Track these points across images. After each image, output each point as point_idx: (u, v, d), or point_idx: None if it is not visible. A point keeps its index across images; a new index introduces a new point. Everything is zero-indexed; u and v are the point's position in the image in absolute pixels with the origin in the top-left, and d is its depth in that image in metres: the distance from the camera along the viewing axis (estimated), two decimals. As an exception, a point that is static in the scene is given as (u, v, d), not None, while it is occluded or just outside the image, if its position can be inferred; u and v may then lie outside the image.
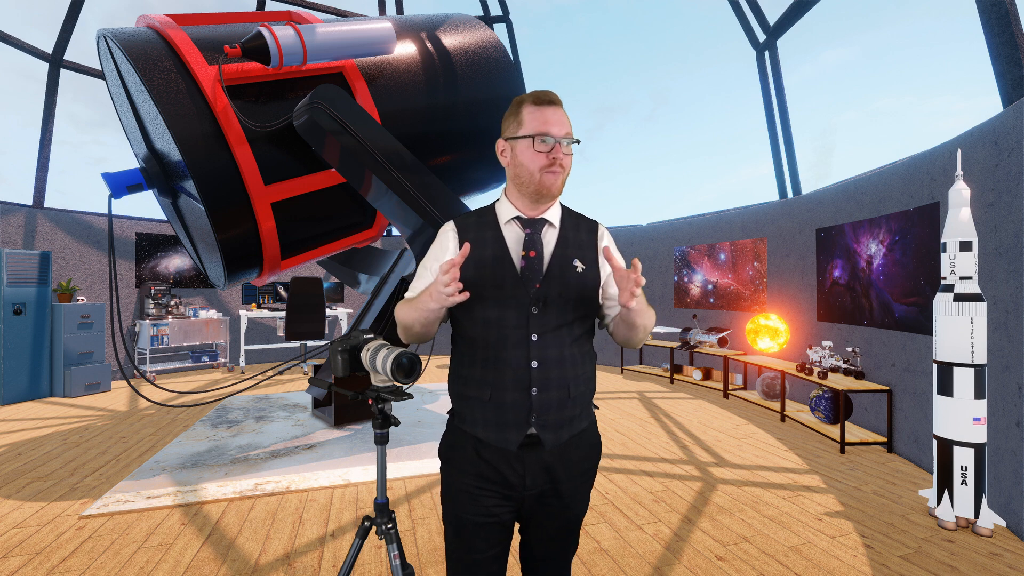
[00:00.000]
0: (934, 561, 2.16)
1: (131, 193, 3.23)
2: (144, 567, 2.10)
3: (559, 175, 1.11)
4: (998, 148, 2.58)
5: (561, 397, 1.11)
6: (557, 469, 1.12)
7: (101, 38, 3.17)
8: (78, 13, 5.86)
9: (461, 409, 1.16)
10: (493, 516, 1.11)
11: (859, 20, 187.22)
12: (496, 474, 1.10)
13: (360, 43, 3.24)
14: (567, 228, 1.18)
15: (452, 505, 1.14)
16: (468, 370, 1.14)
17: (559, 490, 1.14)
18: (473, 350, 1.14)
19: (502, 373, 1.10)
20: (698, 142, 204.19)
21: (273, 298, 7.30)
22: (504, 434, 1.09)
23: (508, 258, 1.13)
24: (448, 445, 1.18)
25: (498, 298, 1.11)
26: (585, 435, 1.18)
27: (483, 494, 1.11)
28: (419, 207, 3.09)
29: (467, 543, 1.12)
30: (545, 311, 1.10)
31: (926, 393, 3.21)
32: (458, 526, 1.13)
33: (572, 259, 1.14)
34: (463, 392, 1.15)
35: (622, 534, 2.39)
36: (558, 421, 1.11)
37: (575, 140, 1.13)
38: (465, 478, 1.12)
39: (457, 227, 1.18)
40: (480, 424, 1.12)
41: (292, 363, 7.23)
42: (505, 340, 1.10)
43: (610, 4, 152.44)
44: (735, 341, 5.76)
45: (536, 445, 1.10)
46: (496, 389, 1.10)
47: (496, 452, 1.10)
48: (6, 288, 5.07)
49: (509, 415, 1.09)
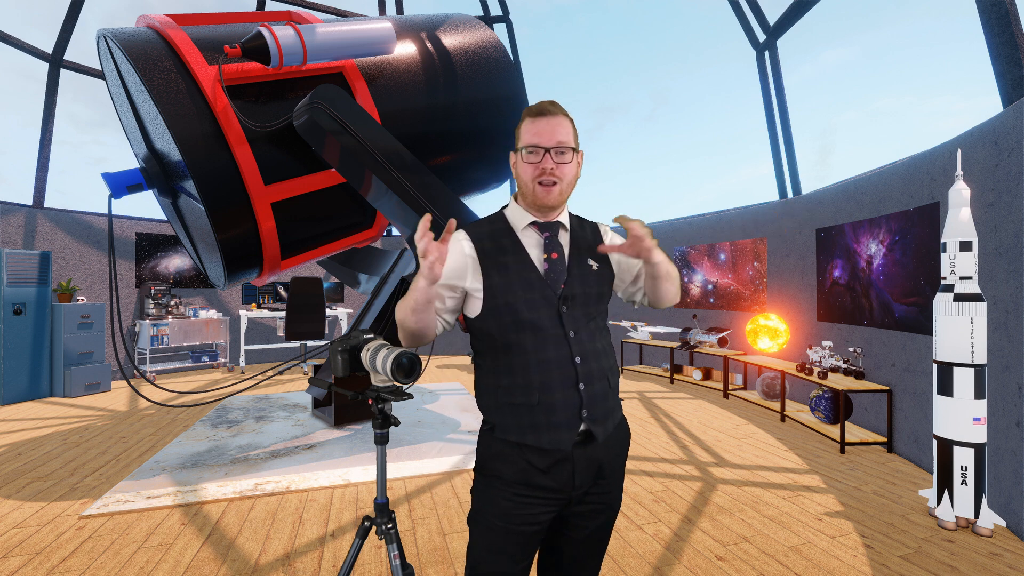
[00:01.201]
0: (934, 561, 2.16)
1: (131, 193, 3.23)
2: (144, 567, 2.10)
3: (551, 187, 1.12)
4: (998, 148, 2.58)
5: (604, 388, 1.13)
6: (603, 463, 1.14)
7: (101, 38, 3.17)
8: (78, 13, 5.86)
9: (502, 420, 1.12)
10: (537, 524, 1.10)
11: (859, 20, 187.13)
12: (546, 479, 1.09)
13: (360, 43, 3.24)
14: (576, 229, 1.23)
15: (493, 518, 1.10)
16: (508, 379, 1.11)
17: (604, 486, 1.15)
18: (510, 357, 1.11)
19: (548, 374, 1.09)
20: (698, 142, 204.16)
21: (273, 298, 7.30)
22: (557, 435, 1.08)
23: (530, 262, 1.15)
24: (490, 457, 1.14)
25: (529, 301, 1.11)
26: (622, 424, 1.21)
27: (530, 501, 1.09)
28: (419, 207, 3.08)
29: (505, 556, 1.10)
30: (573, 308, 1.13)
31: (926, 393, 3.21)
32: (497, 539, 1.10)
33: (587, 259, 1.19)
34: (504, 402, 1.12)
35: (622, 534, 2.39)
36: (604, 413, 1.13)
37: (571, 148, 1.12)
38: (511, 488, 1.10)
39: (470, 236, 1.17)
40: (528, 430, 1.09)
41: (292, 363, 7.23)
42: (545, 341, 1.10)
43: (610, 4, 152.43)
44: (735, 341, 5.76)
45: (586, 442, 1.11)
46: (544, 391, 1.08)
47: (546, 456, 1.09)
48: (6, 288, 5.07)
49: (560, 415, 1.08)
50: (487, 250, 1.15)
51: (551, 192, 1.12)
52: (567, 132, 1.13)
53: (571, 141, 1.14)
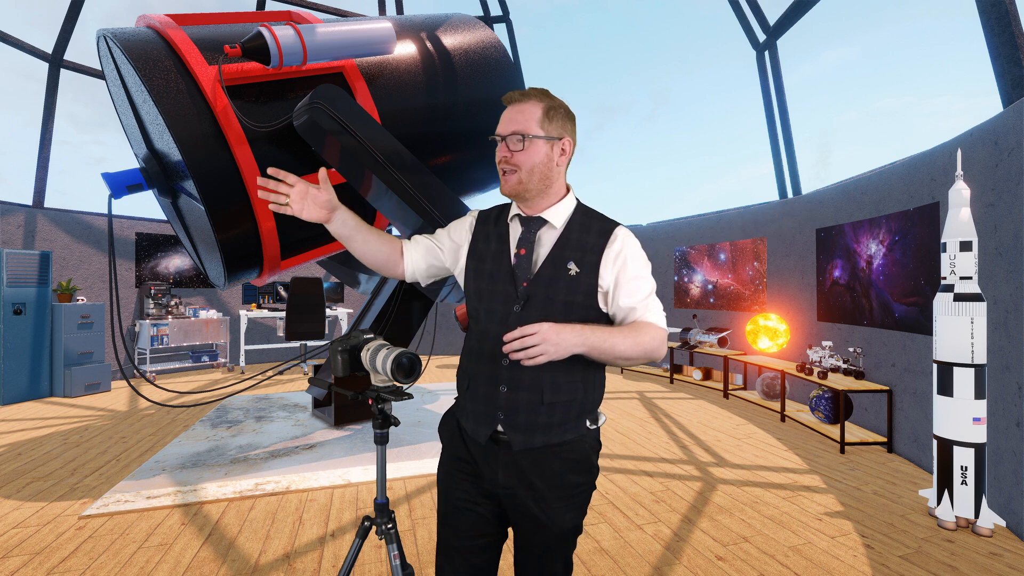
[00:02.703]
0: (934, 561, 2.16)
1: (131, 193, 3.23)
2: (144, 567, 2.10)
3: (509, 176, 1.10)
4: (998, 148, 2.58)
5: (532, 400, 1.07)
6: (532, 475, 1.08)
7: (101, 38, 3.17)
8: (78, 13, 5.85)
9: (458, 391, 1.22)
10: (471, 503, 1.14)
11: (859, 20, 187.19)
12: (472, 460, 1.15)
13: (360, 43, 3.24)
14: (572, 229, 1.13)
15: (440, 485, 1.21)
16: (463, 358, 1.21)
17: (536, 497, 1.08)
18: (468, 339, 1.21)
19: (479, 365, 1.13)
20: (698, 142, 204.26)
21: (273, 298, 7.29)
22: (477, 425, 1.12)
23: (507, 254, 1.14)
24: (441, 425, 1.26)
25: (490, 291, 1.13)
26: (569, 448, 1.10)
27: (461, 477, 1.16)
28: (419, 207, 3.08)
29: (449, 526, 1.16)
30: (527, 310, 1.08)
31: (926, 393, 3.21)
32: (443, 507, 1.18)
33: (567, 261, 1.09)
34: (458, 378, 1.21)
35: (622, 534, 2.39)
36: (529, 425, 1.07)
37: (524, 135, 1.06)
38: (449, 461, 1.19)
39: (478, 218, 1.25)
40: (462, 412, 1.18)
41: (292, 363, 7.23)
42: (486, 333, 1.12)
43: (610, 4, 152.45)
44: (735, 341, 5.76)
45: (505, 444, 1.10)
46: (473, 380, 1.14)
47: (472, 440, 1.15)
48: (6, 288, 5.07)
49: (481, 407, 1.12)
50: (481, 233, 1.20)
51: (508, 181, 1.11)
52: (527, 119, 1.07)
53: (531, 128, 1.07)
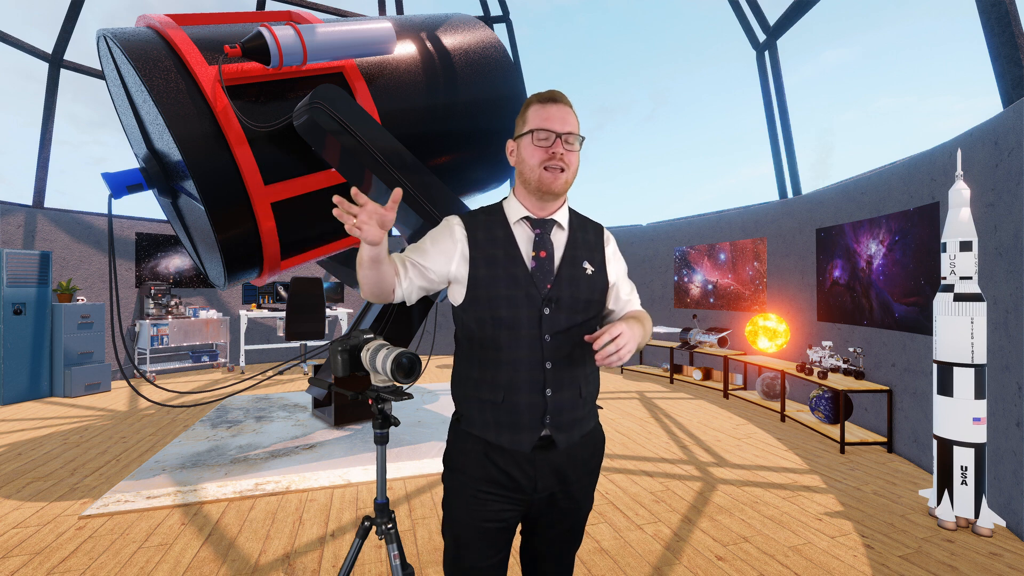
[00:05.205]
0: (934, 561, 2.16)
1: (131, 193, 3.23)
2: (144, 567, 2.10)
3: (559, 173, 1.09)
4: (998, 148, 2.58)
5: (573, 397, 1.11)
6: (567, 470, 1.12)
7: (101, 38, 3.17)
8: (78, 13, 5.85)
9: (469, 413, 1.13)
10: (501, 521, 1.10)
11: (859, 20, 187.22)
12: (507, 478, 1.09)
13: (360, 43, 3.24)
14: (575, 229, 1.17)
15: (458, 512, 1.11)
16: (479, 372, 1.11)
17: (569, 491, 1.14)
18: (483, 352, 1.11)
19: (516, 375, 1.08)
20: (698, 142, 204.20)
21: (273, 298, 7.29)
22: (517, 436, 1.08)
23: (520, 257, 1.11)
24: (456, 451, 1.15)
25: (511, 298, 1.08)
26: (592, 434, 1.18)
27: (492, 499, 1.09)
28: (419, 207, 3.09)
29: (473, 551, 1.10)
30: (557, 312, 1.09)
31: (926, 393, 3.21)
32: (463, 533, 1.10)
33: (582, 260, 1.14)
34: (472, 395, 1.12)
35: (622, 534, 2.39)
36: (571, 422, 1.11)
37: (579, 136, 1.12)
38: (474, 484, 1.10)
39: (465, 223, 1.15)
40: (492, 427, 1.09)
41: (292, 363, 7.23)
42: (519, 341, 1.08)
43: (610, 4, 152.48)
44: (735, 341, 5.76)
45: (548, 447, 1.10)
46: (510, 391, 1.08)
47: (507, 455, 1.09)
48: (6, 288, 5.07)
49: (524, 417, 1.08)
50: (479, 240, 1.12)
51: (558, 178, 1.09)
52: (576, 122, 1.13)
53: (579, 131, 1.13)
